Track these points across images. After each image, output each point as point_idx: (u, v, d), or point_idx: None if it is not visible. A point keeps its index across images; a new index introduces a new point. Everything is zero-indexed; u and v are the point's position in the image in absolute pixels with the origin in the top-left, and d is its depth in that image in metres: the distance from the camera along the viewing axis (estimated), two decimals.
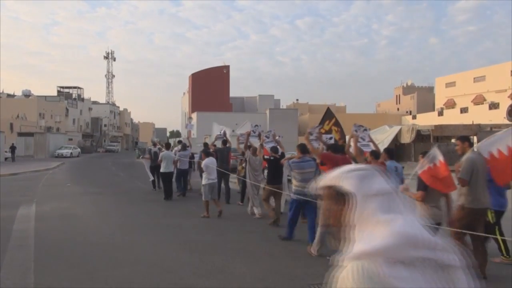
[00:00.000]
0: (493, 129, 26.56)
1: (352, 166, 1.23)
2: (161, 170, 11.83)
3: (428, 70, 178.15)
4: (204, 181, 9.14)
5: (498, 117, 36.62)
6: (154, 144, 15.56)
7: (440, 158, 4.92)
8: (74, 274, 5.14)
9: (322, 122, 9.31)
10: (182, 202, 11.30)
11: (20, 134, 42.94)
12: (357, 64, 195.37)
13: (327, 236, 5.70)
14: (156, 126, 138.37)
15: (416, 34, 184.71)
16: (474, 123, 26.11)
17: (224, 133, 11.93)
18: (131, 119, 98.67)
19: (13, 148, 33.79)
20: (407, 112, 60.98)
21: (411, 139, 24.03)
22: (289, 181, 8.41)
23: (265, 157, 8.83)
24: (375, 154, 6.09)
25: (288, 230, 6.82)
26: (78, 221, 8.63)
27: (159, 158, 12.11)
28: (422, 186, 5.00)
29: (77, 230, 7.70)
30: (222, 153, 11.05)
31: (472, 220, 4.92)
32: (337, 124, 9.66)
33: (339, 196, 1.15)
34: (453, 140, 27.93)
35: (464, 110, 42.62)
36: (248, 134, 9.83)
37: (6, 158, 33.09)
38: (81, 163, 33.15)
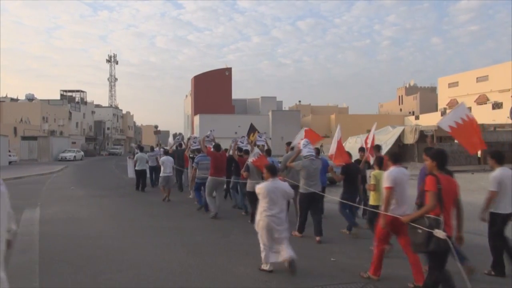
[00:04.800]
0: (496, 128, 26.41)
1: None
2: (136, 168, 14.47)
3: (431, 70, 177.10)
4: (161, 174, 12.05)
5: (502, 116, 36.51)
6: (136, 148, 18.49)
7: (260, 153, 8.16)
8: (79, 277, 5.16)
9: (248, 134, 12.30)
10: (184, 205, 11.32)
11: (24, 138, 43.15)
12: (359, 65, 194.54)
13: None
14: (159, 129, 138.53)
15: (418, 34, 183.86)
16: (478, 123, 25.89)
17: (182, 138, 15.98)
18: (134, 122, 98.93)
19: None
20: (410, 112, 60.88)
21: (414, 140, 23.94)
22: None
23: (190, 155, 12.46)
24: (246, 152, 9.41)
25: (200, 201, 10.18)
26: (82, 224, 8.66)
27: (135, 159, 14.65)
28: (246, 168, 7.82)
29: (81, 233, 7.73)
30: (178, 153, 14.35)
31: (306, 201, 7.12)
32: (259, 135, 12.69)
33: None
34: (456, 140, 27.80)
35: None
36: (189, 139, 13.48)
37: (10, 162, 33.28)
38: (85, 166, 33.25)
